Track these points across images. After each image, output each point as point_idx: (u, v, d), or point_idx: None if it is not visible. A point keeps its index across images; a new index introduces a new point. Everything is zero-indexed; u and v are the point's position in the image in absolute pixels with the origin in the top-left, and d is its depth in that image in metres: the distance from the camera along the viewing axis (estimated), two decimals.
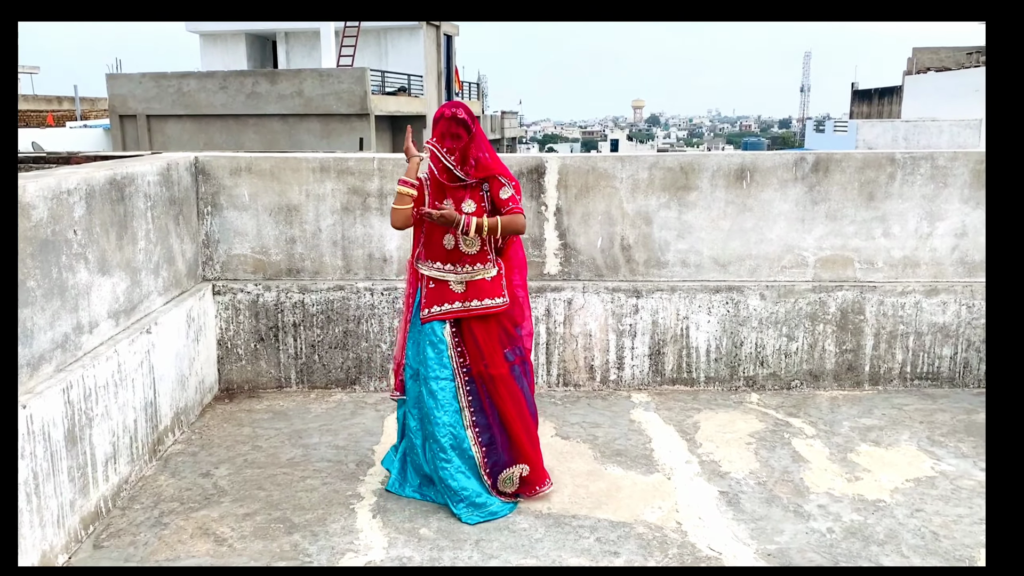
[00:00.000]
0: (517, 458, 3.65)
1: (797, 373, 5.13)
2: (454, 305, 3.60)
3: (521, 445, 3.64)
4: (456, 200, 3.56)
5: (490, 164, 3.58)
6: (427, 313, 3.62)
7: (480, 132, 3.58)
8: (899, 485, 3.88)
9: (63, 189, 3.41)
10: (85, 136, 22.76)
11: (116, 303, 3.88)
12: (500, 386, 3.61)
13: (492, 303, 3.62)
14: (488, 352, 3.60)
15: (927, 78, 30.78)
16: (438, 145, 3.51)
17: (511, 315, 3.68)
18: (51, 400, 3.15)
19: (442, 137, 3.50)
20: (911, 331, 5.08)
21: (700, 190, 5.02)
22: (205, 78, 21.03)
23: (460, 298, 3.60)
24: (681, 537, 3.43)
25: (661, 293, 5.04)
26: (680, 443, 4.34)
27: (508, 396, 3.62)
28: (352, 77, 20.35)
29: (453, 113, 3.51)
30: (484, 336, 3.60)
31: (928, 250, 5.08)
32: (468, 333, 3.61)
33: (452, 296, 3.60)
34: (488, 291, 3.61)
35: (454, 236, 3.55)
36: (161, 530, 3.47)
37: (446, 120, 3.50)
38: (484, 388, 3.61)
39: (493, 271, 3.63)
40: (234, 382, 5.12)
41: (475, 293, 3.60)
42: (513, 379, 3.65)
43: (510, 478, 3.65)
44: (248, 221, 5.03)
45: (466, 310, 3.60)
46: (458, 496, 3.58)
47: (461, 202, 3.57)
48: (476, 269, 3.59)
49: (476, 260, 3.59)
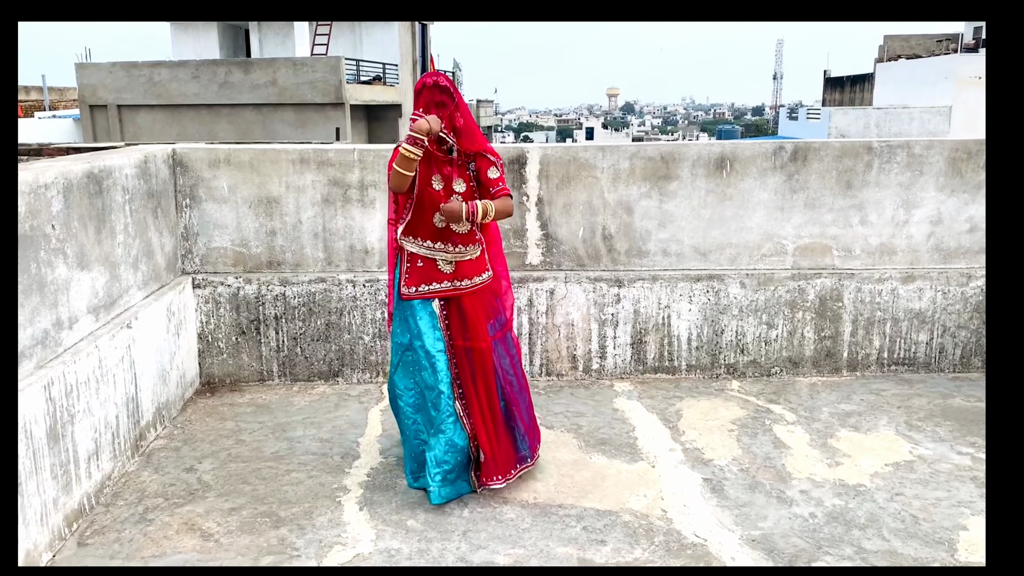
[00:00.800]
0: (481, 443, 3.62)
1: (777, 360, 5.19)
2: (443, 285, 3.58)
3: (478, 433, 3.61)
4: (445, 177, 3.53)
5: (476, 136, 3.56)
6: (413, 291, 3.58)
7: (461, 99, 3.56)
8: (879, 470, 3.94)
9: (40, 183, 3.36)
10: (55, 127, 22.37)
11: (95, 298, 3.83)
12: (477, 360, 3.59)
13: (480, 279, 3.64)
14: (473, 325, 3.59)
15: (898, 65, 31.09)
16: (428, 114, 3.44)
17: (492, 287, 3.71)
18: (33, 397, 3.11)
19: (427, 107, 3.45)
20: (888, 317, 5.16)
21: (681, 179, 5.05)
22: (177, 67, 20.75)
23: (449, 278, 3.58)
24: (667, 524, 3.47)
25: (643, 282, 5.07)
26: (663, 431, 4.38)
27: (480, 377, 3.60)
28: (327, 66, 20.17)
29: (435, 81, 3.47)
30: (471, 310, 3.60)
31: (904, 237, 5.15)
32: (455, 307, 3.60)
33: (440, 276, 3.58)
34: (475, 268, 3.62)
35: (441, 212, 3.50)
36: (146, 526, 3.45)
37: (429, 89, 3.46)
38: (465, 363, 3.60)
39: (478, 250, 3.64)
40: (215, 376, 5.08)
41: (464, 272, 3.59)
42: (489, 354, 3.62)
43: None
44: (227, 213, 4.98)
45: (455, 289, 3.59)
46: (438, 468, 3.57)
47: (451, 180, 3.54)
48: (467, 250, 3.59)
49: (467, 240, 3.59)
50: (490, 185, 3.57)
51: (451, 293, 3.59)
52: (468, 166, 3.57)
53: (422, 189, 3.53)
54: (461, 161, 3.56)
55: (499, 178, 3.58)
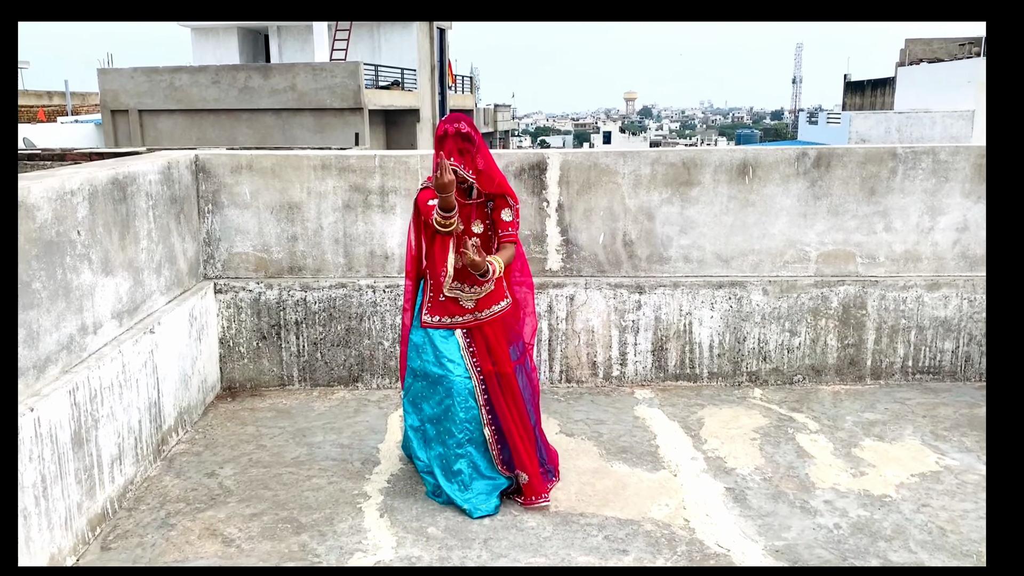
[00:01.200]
0: (518, 465, 3.63)
1: (800, 368, 5.14)
2: (465, 317, 3.62)
3: (518, 453, 3.61)
4: (464, 217, 3.55)
5: (496, 178, 3.57)
6: (436, 321, 3.62)
7: (482, 142, 3.58)
8: (904, 480, 3.89)
9: (67, 190, 3.39)
10: (77, 132, 22.64)
11: (119, 303, 3.85)
12: (505, 386, 3.60)
13: (499, 308, 3.66)
14: (497, 351, 3.61)
15: (920, 69, 30.82)
16: (454, 164, 3.44)
17: (512, 312, 3.73)
18: (58, 402, 3.13)
19: (450, 153, 3.45)
20: (912, 325, 5.10)
21: (703, 185, 5.02)
22: (197, 72, 20.93)
23: (470, 311, 3.62)
24: (689, 534, 3.44)
25: (664, 289, 5.04)
26: (685, 439, 4.35)
27: (511, 400, 3.61)
28: (345, 71, 20.27)
29: (457, 129, 3.47)
30: (493, 335, 3.62)
31: (930, 244, 5.09)
32: (479, 332, 3.62)
33: (462, 311, 3.61)
34: (494, 299, 3.65)
35: (462, 258, 3.47)
36: (168, 531, 3.46)
37: (452, 137, 3.46)
38: (496, 387, 3.60)
39: (492, 285, 3.62)
40: (236, 381, 5.10)
41: (484, 304, 3.62)
42: (515, 378, 3.64)
43: (516, 478, 3.67)
44: (249, 219, 5.00)
45: (477, 320, 3.62)
46: (469, 491, 3.61)
47: (470, 221, 3.58)
48: (484, 288, 3.60)
49: (480, 281, 3.57)
50: (500, 228, 3.61)
51: (473, 324, 3.62)
52: (487, 205, 3.61)
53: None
54: (480, 201, 3.60)
55: (511, 222, 3.61)
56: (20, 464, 2.87)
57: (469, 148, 3.48)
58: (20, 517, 2.87)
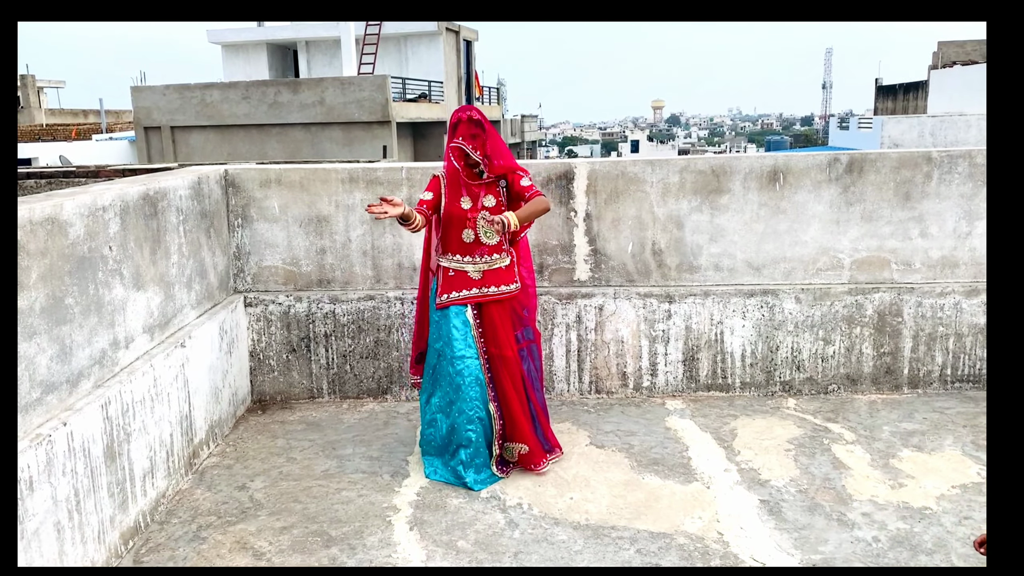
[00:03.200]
0: (516, 436, 4.02)
1: (834, 377, 5.04)
2: (472, 291, 3.96)
3: (519, 424, 4.00)
4: (473, 195, 3.95)
5: (505, 156, 3.98)
6: (445, 299, 3.97)
7: (491, 127, 3.96)
8: (945, 492, 3.79)
9: (99, 206, 3.43)
10: (111, 149, 23.05)
11: (151, 318, 3.89)
12: (504, 367, 3.98)
13: (507, 288, 4.01)
14: (502, 334, 3.98)
15: (953, 72, 30.33)
16: (466, 144, 3.90)
17: (519, 299, 4.08)
18: (90, 417, 3.16)
19: (465, 137, 3.91)
20: (951, 333, 4.98)
21: (732, 193, 4.96)
22: (228, 88, 21.21)
23: (477, 284, 3.96)
24: (723, 548, 3.38)
25: (694, 298, 4.98)
26: (718, 451, 4.28)
27: (508, 377, 3.98)
28: (373, 85, 20.42)
29: (469, 116, 3.94)
30: (500, 319, 3.98)
31: (967, 250, 4.98)
32: (487, 316, 3.98)
33: (470, 283, 3.96)
34: (503, 278, 4.00)
35: (473, 231, 3.93)
36: (199, 544, 3.47)
37: (465, 123, 3.92)
38: (496, 367, 3.98)
39: (507, 260, 4.02)
40: (266, 393, 5.12)
41: (491, 280, 3.97)
42: (518, 361, 4.05)
43: (511, 449, 4.04)
44: (278, 233, 5.03)
45: (483, 295, 3.97)
46: (471, 463, 3.95)
47: (481, 197, 3.96)
48: (493, 259, 3.98)
49: (493, 251, 3.98)
50: (524, 191, 3.96)
51: (480, 299, 3.97)
52: (498, 183, 4.01)
53: (450, 210, 3.97)
54: (491, 180, 3.99)
55: (530, 185, 3.98)
56: (54, 478, 2.89)
57: (479, 133, 3.91)
58: (54, 531, 2.89)
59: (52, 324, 3.03)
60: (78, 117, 33.20)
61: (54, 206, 3.10)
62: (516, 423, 4.00)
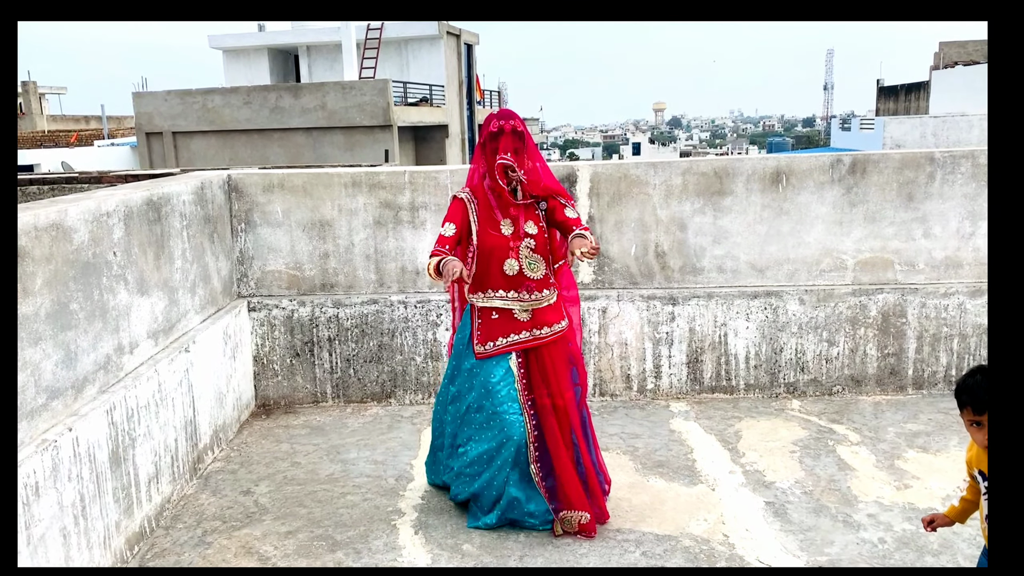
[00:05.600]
0: (575, 504, 3.43)
1: (839, 378, 5.04)
2: (521, 335, 3.38)
3: (574, 491, 3.41)
4: (513, 219, 3.37)
5: (544, 180, 3.39)
6: (490, 347, 3.39)
7: (531, 140, 3.42)
8: (950, 492, 3.78)
9: (103, 211, 3.43)
10: (113, 154, 23.09)
11: (155, 323, 3.89)
12: (562, 419, 3.41)
13: (559, 327, 3.44)
14: (555, 379, 3.40)
15: (955, 72, 30.31)
16: (512, 159, 3.28)
17: (566, 335, 3.52)
18: (96, 422, 3.16)
19: (506, 151, 3.29)
20: (955, 333, 4.98)
21: (735, 194, 4.96)
22: (229, 94, 21.25)
23: (527, 327, 3.38)
24: (729, 550, 3.37)
25: (698, 300, 4.98)
26: (722, 453, 4.28)
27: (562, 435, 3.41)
28: (374, 89, 20.45)
29: (513, 127, 3.31)
30: (551, 362, 3.40)
31: (971, 250, 4.97)
32: (536, 361, 3.40)
33: (519, 326, 3.37)
34: (553, 316, 3.43)
35: (518, 261, 3.33)
36: (205, 549, 3.47)
37: (508, 135, 3.29)
38: (550, 421, 3.40)
39: (555, 295, 3.45)
40: (270, 398, 5.13)
41: (542, 320, 3.39)
42: (573, 408, 3.46)
43: (569, 520, 3.45)
44: (281, 237, 5.04)
45: (535, 339, 3.38)
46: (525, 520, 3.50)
47: (519, 222, 3.36)
48: (543, 296, 3.39)
49: (542, 286, 3.38)
50: (573, 224, 3.36)
51: (531, 344, 3.37)
52: (537, 206, 3.41)
53: (487, 239, 3.34)
54: (529, 202, 3.39)
55: (577, 218, 3.40)
56: (59, 483, 2.90)
57: (521, 147, 3.32)
58: (60, 536, 2.89)
59: (57, 330, 3.04)
60: (80, 123, 33.28)
61: (59, 212, 3.11)
62: (571, 490, 3.41)
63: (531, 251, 3.31)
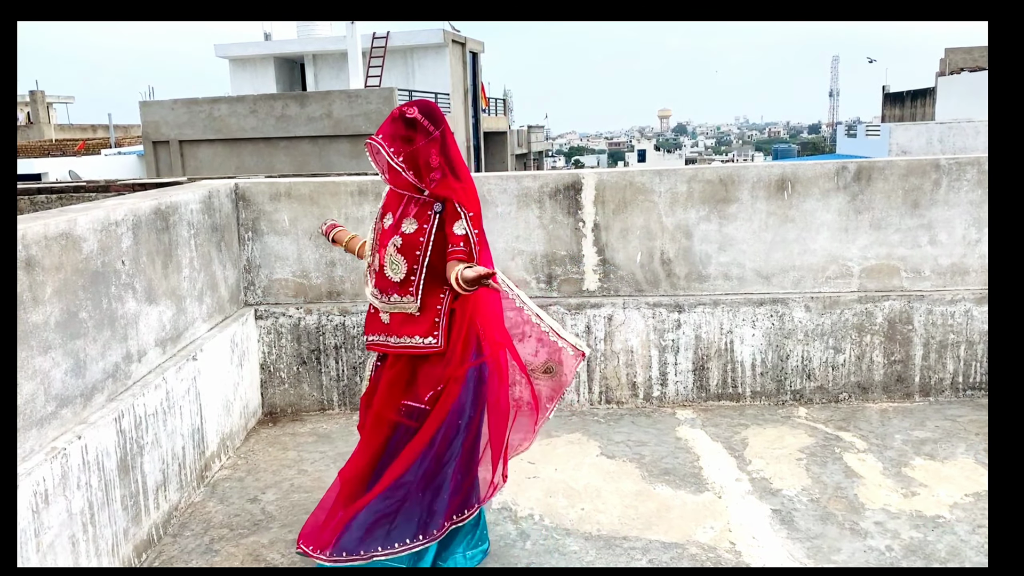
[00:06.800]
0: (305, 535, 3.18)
1: (845, 386, 5.03)
2: (377, 337, 3.12)
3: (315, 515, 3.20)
4: (395, 213, 3.06)
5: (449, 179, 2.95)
6: (367, 340, 3.19)
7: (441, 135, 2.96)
8: (958, 500, 3.77)
9: (112, 220, 3.46)
10: (120, 163, 23.23)
11: (163, 331, 3.91)
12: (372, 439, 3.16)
13: (412, 343, 3.02)
14: (382, 396, 3.10)
15: (961, 79, 30.31)
16: (384, 144, 2.94)
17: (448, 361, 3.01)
18: (104, 430, 3.18)
19: (389, 139, 2.95)
20: (962, 340, 4.97)
21: (741, 202, 4.97)
22: (235, 102, 21.35)
23: (384, 330, 3.09)
24: (735, 557, 3.37)
25: (703, 307, 4.98)
26: (729, 460, 4.27)
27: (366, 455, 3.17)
28: (380, 97, 20.54)
29: (402, 112, 2.95)
30: (402, 377, 3.08)
31: (977, 257, 4.97)
32: (389, 369, 3.11)
33: (380, 327, 3.10)
34: (411, 329, 3.02)
35: (382, 258, 3.01)
36: (212, 557, 3.48)
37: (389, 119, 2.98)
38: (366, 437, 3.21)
39: (415, 306, 2.99)
40: (277, 406, 5.14)
41: (397, 327, 3.04)
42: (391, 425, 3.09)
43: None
44: (288, 245, 5.06)
45: (384, 345, 3.10)
46: None
47: (403, 217, 3.03)
48: (397, 301, 3.02)
49: (402, 291, 3.01)
50: (451, 242, 2.93)
51: (380, 348, 3.12)
52: (433, 207, 2.98)
53: (374, 224, 3.15)
54: (427, 201, 3.00)
55: (463, 236, 2.91)
56: (68, 491, 2.91)
57: (412, 136, 2.92)
58: (68, 544, 2.91)
59: (66, 338, 3.06)
60: (87, 132, 33.46)
61: (68, 221, 3.14)
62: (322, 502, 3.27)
63: (396, 250, 2.98)
